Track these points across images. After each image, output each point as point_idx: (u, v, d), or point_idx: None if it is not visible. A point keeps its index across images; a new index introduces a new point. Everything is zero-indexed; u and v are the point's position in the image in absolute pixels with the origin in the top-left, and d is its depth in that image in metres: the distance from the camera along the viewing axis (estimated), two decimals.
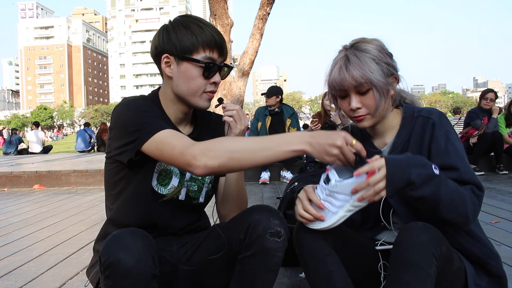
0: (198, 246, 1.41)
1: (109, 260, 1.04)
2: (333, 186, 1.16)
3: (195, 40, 1.28)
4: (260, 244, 1.21)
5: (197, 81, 1.31)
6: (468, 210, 1.18)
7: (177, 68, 1.31)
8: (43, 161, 8.99)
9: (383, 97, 1.31)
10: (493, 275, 1.31)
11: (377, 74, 1.28)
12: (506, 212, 3.44)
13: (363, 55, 1.28)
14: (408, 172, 1.10)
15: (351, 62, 1.28)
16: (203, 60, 1.29)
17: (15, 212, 4.21)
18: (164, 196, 1.37)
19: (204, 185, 1.47)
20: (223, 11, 6.47)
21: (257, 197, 4.66)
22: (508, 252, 2.36)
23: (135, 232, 1.10)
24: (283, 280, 2.05)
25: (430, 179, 1.12)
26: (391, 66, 1.32)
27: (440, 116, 1.33)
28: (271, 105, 6.03)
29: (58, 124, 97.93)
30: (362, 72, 1.26)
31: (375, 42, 1.33)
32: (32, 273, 2.27)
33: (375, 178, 1.10)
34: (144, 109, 1.26)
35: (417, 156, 1.16)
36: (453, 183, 1.19)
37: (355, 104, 1.31)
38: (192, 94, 1.32)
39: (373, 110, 1.32)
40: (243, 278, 1.26)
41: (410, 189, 1.12)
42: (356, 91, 1.30)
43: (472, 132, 6.16)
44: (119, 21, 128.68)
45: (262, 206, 1.30)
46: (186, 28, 1.29)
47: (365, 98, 1.31)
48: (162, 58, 1.32)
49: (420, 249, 1.10)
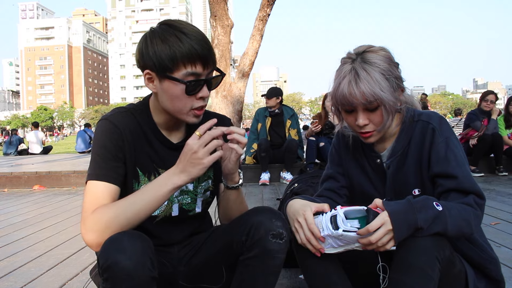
0: (199, 247, 1.41)
1: (107, 263, 1.03)
2: (339, 234, 1.17)
3: (174, 56, 1.16)
4: (262, 246, 1.21)
5: (182, 100, 1.22)
6: (473, 228, 1.19)
7: (160, 85, 1.22)
8: (43, 161, 8.99)
9: (391, 114, 1.29)
10: (492, 279, 1.31)
11: (387, 92, 1.23)
12: (506, 214, 3.43)
13: (373, 70, 1.23)
14: (414, 219, 1.11)
15: (360, 77, 1.22)
16: (184, 80, 1.18)
17: (15, 212, 4.21)
18: (156, 217, 1.36)
19: (198, 196, 1.43)
20: (223, 12, 6.48)
21: (257, 198, 4.66)
22: (508, 254, 2.36)
23: (133, 234, 1.09)
24: (283, 282, 2.04)
25: (436, 218, 1.12)
26: (399, 79, 1.29)
27: (440, 121, 1.32)
28: (271, 106, 6.02)
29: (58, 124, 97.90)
30: (373, 90, 1.21)
31: (383, 53, 1.28)
32: (32, 274, 2.27)
33: (378, 235, 1.11)
34: (103, 143, 1.24)
35: (418, 199, 1.16)
36: (456, 208, 1.18)
37: (363, 121, 1.27)
38: (177, 112, 1.25)
39: (380, 127, 1.29)
40: (244, 279, 1.25)
41: (418, 233, 1.12)
42: (365, 107, 1.26)
43: (472, 134, 6.16)
44: (120, 22, 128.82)
45: (264, 207, 1.29)
46: (163, 42, 1.17)
47: (373, 115, 1.27)
48: (144, 73, 1.23)
49: (423, 253, 1.10)
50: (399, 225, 1.10)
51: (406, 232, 1.11)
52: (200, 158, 1.15)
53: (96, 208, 1.15)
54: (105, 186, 1.20)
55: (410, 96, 1.42)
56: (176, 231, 1.42)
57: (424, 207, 1.13)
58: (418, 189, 1.34)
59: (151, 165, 1.32)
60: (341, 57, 1.33)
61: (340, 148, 1.51)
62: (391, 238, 1.11)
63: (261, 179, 5.76)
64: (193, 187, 1.41)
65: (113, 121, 1.27)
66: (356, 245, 1.18)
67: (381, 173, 1.40)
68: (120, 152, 1.26)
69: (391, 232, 1.11)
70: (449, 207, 1.16)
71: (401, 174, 1.36)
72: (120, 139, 1.26)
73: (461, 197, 1.22)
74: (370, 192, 1.41)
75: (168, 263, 1.37)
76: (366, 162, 1.43)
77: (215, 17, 6.48)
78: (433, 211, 1.13)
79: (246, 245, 1.24)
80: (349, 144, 1.47)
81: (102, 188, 1.20)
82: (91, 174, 1.22)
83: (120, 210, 1.14)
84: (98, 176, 1.21)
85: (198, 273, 1.38)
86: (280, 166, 5.99)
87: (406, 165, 1.35)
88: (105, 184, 1.20)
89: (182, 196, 1.40)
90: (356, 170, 1.45)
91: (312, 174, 2.64)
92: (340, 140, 1.51)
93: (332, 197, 1.48)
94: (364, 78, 1.22)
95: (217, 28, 6.50)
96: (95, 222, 1.13)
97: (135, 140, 1.30)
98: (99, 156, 1.24)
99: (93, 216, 1.14)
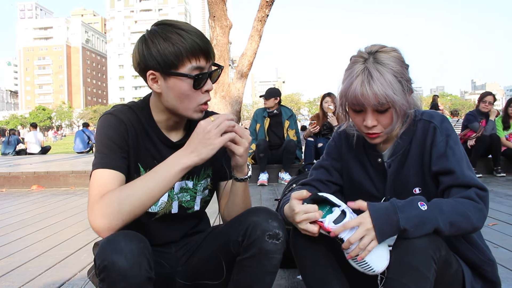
0: (196, 248, 1.41)
1: (104, 263, 1.03)
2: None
3: (178, 52, 1.19)
4: (258, 246, 1.21)
5: (189, 97, 1.25)
6: (474, 221, 1.17)
7: (165, 84, 1.24)
8: (41, 161, 8.98)
9: (401, 117, 1.28)
10: (488, 281, 1.32)
11: (400, 95, 1.22)
12: (504, 215, 3.45)
13: (385, 71, 1.21)
14: (396, 219, 1.11)
15: (374, 78, 1.20)
16: (191, 74, 1.21)
17: (13, 213, 4.20)
18: (156, 214, 1.37)
19: (197, 194, 1.44)
20: (222, 13, 6.48)
21: (255, 198, 4.66)
22: (505, 255, 2.37)
23: (130, 235, 1.09)
24: (280, 282, 2.05)
25: (422, 218, 1.12)
26: (409, 81, 1.28)
27: (442, 120, 1.32)
28: (270, 107, 6.03)
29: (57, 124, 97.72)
30: (385, 92, 1.19)
31: (395, 54, 1.26)
32: (30, 274, 2.27)
33: (356, 234, 1.12)
34: (109, 134, 1.25)
35: (402, 200, 1.16)
36: (450, 203, 1.18)
37: (371, 122, 1.26)
38: (184, 109, 1.27)
39: (388, 129, 1.28)
40: (241, 279, 1.26)
41: (407, 235, 1.12)
42: (375, 109, 1.24)
43: (470, 135, 6.17)
44: (118, 22, 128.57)
45: (260, 208, 1.29)
46: (166, 40, 1.19)
47: (382, 117, 1.26)
48: (148, 75, 1.24)
49: (419, 253, 1.10)
50: (380, 223, 1.11)
51: (390, 231, 1.11)
52: (212, 138, 1.16)
53: (104, 194, 1.15)
54: (112, 174, 1.21)
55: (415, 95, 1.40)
56: (175, 229, 1.43)
57: (406, 206, 1.14)
58: (419, 188, 1.34)
59: (152, 162, 1.33)
60: (351, 55, 1.31)
61: (342, 145, 1.50)
62: (373, 239, 1.11)
63: (259, 180, 5.77)
64: (192, 185, 1.43)
65: (118, 115, 1.29)
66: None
67: (381, 172, 1.40)
68: (125, 144, 1.27)
69: (371, 232, 1.11)
70: (441, 204, 1.16)
71: (402, 173, 1.36)
72: (126, 132, 1.28)
73: (462, 192, 1.22)
74: (370, 190, 1.42)
75: (166, 264, 1.37)
76: (367, 161, 1.43)
77: (214, 18, 6.49)
78: (416, 211, 1.13)
79: (242, 246, 1.24)
80: (352, 143, 1.46)
81: (109, 175, 1.20)
82: (97, 163, 1.22)
83: (131, 191, 1.14)
84: (105, 164, 1.21)
85: (196, 272, 1.38)
86: (278, 167, 6.00)
87: (407, 164, 1.35)
88: (112, 172, 1.21)
89: (182, 193, 1.41)
90: (357, 168, 1.45)
91: None
92: (342, 137, 1.50)
93: (320, 188, 1.46)
94: (377, 79, 1.20)
95: (216, 29, 6.50)
96: (106, 206, 1.12)
97: (138, 136, 1.32)
98: (105, 146, 1.24)
99: (102, 201, 1.13)
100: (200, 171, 1.44)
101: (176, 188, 1.40)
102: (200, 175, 1.44)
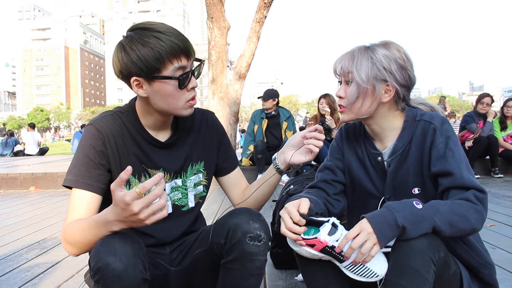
0: (189, 248, 1.41)
1: (98, 265, 1.03)
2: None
3: (159, 56, 1.18)
4: (240, 249, 1.20)
5: (176, 97, 1.25)
6: (472, 222, 1.17)
7: (150, 88, 1.23)
8: (39, 163, 8.97)
9: (361, 95, 1.33)
10: (485, 283, 1.31)
11: (362, 72, 1.31)
12: (501, 216, 3.45)
13: (366, 54, 1.32)
14: (393, 218, 1.12)
15: (352, 53, 1.34)
16: (175, 75, 1.21)
17: (10, 214, 4.20)
18: None
19: (188, 190, 1.43)
20: (220, 14, 6.48)
21: None
22: (503, 256, 2.37)
23: (125, 236, 1.09)
24: (278, 283, 2.05)
25: (418, 216, 1.12)
26: (390, 74, 1.31)
27: (443, 122, 1.32)
28: (268, 108, 6.04)
29: (55, 126, 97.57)
30: (349, 64, 1.32)
31: (390, 48, 1.33)
32: (27, 276, 2.26)
33: (358, 240, 1.12)
34: (86, 152, 1.26)
35: (396, 202, 1.17)
36: (447, 204, 1.18)
37: (339, 92, 1.38)
38: (173, 108, 1.27)
39: (348, 103, 1.36)
40: (226, 283, 1.25)
41: (406, 235, 1.12)
42: (345, 80, 1.36)
43: (467, 136, 6.19)
44: (117, 23, 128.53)
45: (242, 209, 1.28)
46: (144, 45, 1.18)
47: (348, 89, 1.35)
48: (132, 81, 1.23)
49: (418, 255, 1.10)
50: (380, 226, 1.11)
51: (390, 232, 1.11)
52: (142, 220, 1.02)
53: (71, 221, 1.21)
54: (85, 195, 1.24)
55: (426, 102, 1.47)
56: (171, 228, 1.42)
57: (401, 206, 1.14)
58: (418, 188, 1.34)
59: (140, 166, 1.33)
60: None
61: (343, 145, 1.52)
62: (375, 242, 1.11)
63: None
64: (181, 182, 1.42)
65: (97, 126, 1.29)
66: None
67: (381, 171, 1.41)
68: (103, 159, 1.27)
69: (373, 235, 1.11)
70: (437, 205, 1.17)
71: (401, 173, 1.36)
72: (104, 145, 1.28)
73: (460, 193, 1.22)
74: (369, 189, 1.42)
75: (161, 265, 1.37)
76: (367, 159, 1.44)
77: (212, 19, 6.49)
78: (412, 209, 1.13)
79: (225, 249, 1.23)
80: (353, 143, 1.49)
81: (81, 198, 1.24)
82: (72, 180, 1.25)
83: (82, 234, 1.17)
84: (78, 183, 1.24)
85: (187, 274, 1.38)
86: None
87: (407, 164, 1.35)
88: (85, 193, 1.24)
89: (173, 192, 1.41)
90: (357, 166, 1.46)
91: (308, 175, 2.64)
92: (343, 135, 1.53)
93: (326, 189, 1.48)
94: (354, 55, 1.33)
95: (214, 30, 6.50)
96: (69, 236, 1.19)
97: (121, 143, 1.31)
98: (82, 163, 1.25)
99: (68, 228, 1.20)
100: (187, 167, 1.43)
101: (168, 189, 1.39)
102: (187, 171, 1.43)
